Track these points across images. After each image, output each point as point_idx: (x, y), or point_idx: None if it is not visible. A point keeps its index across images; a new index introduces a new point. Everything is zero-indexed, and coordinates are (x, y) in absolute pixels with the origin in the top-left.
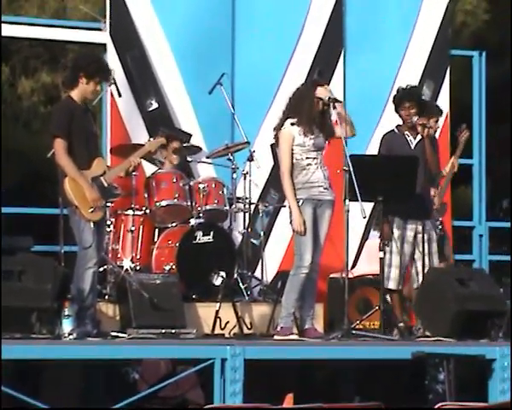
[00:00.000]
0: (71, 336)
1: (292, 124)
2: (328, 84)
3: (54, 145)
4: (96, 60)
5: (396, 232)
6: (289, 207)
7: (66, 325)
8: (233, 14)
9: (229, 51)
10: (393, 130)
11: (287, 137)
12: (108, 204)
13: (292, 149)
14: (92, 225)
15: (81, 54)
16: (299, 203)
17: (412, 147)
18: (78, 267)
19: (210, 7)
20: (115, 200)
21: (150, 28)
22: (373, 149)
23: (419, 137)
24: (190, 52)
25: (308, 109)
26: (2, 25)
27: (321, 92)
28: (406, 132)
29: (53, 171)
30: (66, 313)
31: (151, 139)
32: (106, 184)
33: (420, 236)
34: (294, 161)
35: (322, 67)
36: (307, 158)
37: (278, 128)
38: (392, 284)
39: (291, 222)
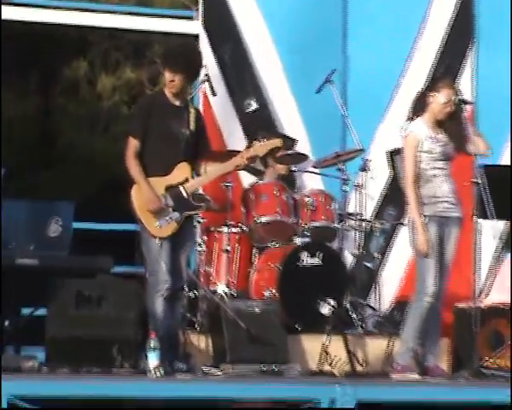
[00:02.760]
0: (157, 372)
1: (421, 125)
2: (456, 84)
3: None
4: (169, 48)
5: None
6: (412, 223)
7: (152, 359)
8: (345, 3)
9: (341, 45)
10: None
11: (413, 142)
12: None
13: (418, 157)
14: (158, 241)
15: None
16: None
17: None
18: (147, 293)
19: None
20: (193, 213)
21: (250, 17)
22: (508, 159)
23: None
24: (296, 45)
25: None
26: (80, 13)
27: (447, 94)
28: None
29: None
30: (152, 345)
31: (261, 141)
32: (185, 194)
33: None
34: (419, 170)
35: (449, 64)
36: (434, 168)
37: (403, 131)
38: None
39: (412, 242)
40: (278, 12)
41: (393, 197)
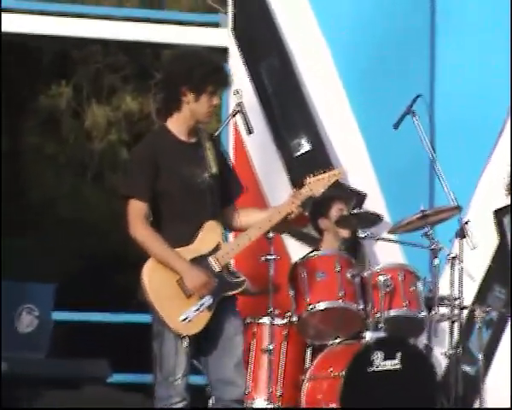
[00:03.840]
0: None
1: None
2: None
3: (127, 210)
4: (199, 58)
5: None
6: None
7: None
8: (432, 8)
9: (426, 63)
10: None
11: None
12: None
13: None
14: (186, 343)
15: (175, 58)
16: None
17: None
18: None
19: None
20: (231, 293)
21: (301, 24)
22: None
23: None
24: (365, 66)
25: None
26: (61, 19)
27: None
28: None
29: (144, 255)
30: None
31: (315, 175)
32: (217, 268)
33: None
34: None
35: None
36: None
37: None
38: None
39: None
40: (341, 19)
41: (503, 274)
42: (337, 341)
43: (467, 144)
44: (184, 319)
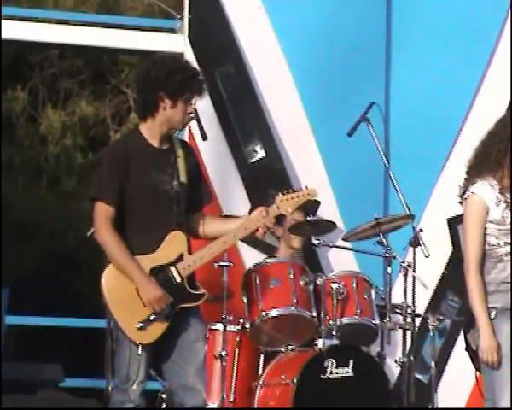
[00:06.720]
0: None
1: (488, 185)
2: None
3: (93, 212)
4: (177, 64)
5: None
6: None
7: None
8: (388, 17)
9: (382, 72)
10: None
11: (477, 207)
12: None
13: (484, 228)
14: (140, 350)
15: (152, 63)
16: (492, 316)
17: None
18: None
19: (354, 6)
20: (190, 306)
21: (256, 31)
22: None
23: None
24: (321, 74)
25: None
26: (16, 23)
27: None
28: None
29: (99, 259)
30: None
31: (285, 194)
32: (178, 279)
33: None
34: (487, 247)
35: None
36: (506, 243)
37: (463, 193)
38: None
39: (477, 347)
40: (297, 26)
41: (456, 283)
42: (290, 348)
43: (421, 153)
44: (140, 328)
